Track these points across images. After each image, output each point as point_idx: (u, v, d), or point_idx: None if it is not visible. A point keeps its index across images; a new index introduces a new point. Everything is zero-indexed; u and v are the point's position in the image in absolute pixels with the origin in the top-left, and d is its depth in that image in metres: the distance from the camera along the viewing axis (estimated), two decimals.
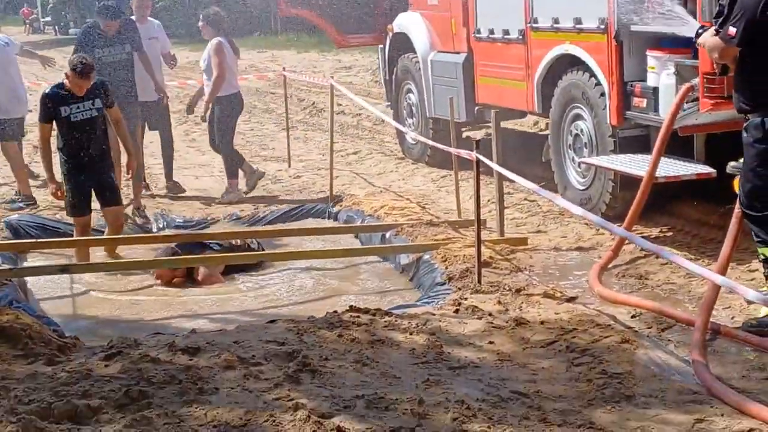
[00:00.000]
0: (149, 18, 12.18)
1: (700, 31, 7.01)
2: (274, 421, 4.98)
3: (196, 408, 5.16)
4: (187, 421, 4.98)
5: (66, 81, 8.87)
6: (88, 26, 11.15)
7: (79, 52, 9.82)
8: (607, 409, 5.23)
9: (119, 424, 4.92)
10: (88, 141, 8.93)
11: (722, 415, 5.14)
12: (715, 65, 6.84)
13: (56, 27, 60.08)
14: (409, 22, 12.79)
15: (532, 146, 11.65)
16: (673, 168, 8.29)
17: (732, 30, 6.18)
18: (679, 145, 8.51)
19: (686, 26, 7.73)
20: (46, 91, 8.99)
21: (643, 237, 8.45)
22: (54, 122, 8.92)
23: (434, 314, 6.90)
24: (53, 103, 8.80)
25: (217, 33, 11.57)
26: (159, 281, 8.78)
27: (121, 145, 9.60)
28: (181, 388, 5.42)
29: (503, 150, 11.67)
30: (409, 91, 13.11)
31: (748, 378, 5.64)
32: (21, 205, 11.21)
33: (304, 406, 5.10)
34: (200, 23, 11.79)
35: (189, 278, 8.85)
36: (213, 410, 5.12)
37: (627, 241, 7.87)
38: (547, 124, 10.79)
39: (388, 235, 9.40)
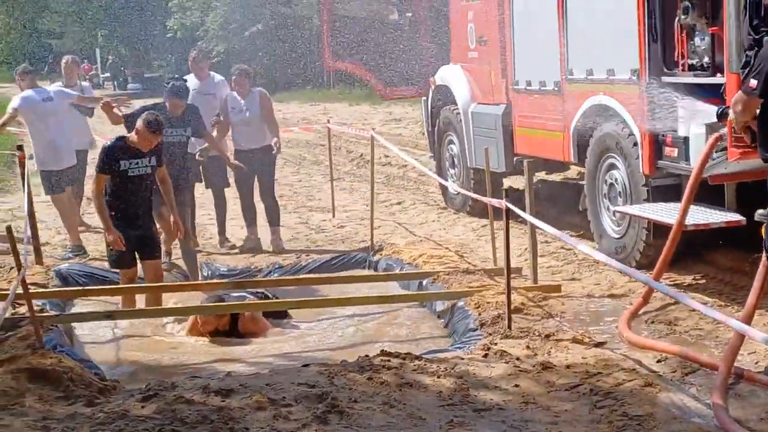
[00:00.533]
0: (210, 73, 12.49)
1: (719, 111, 7.19)
2: None
3: None
4: None
5: (131, 135, 9.12)
6: (153, 105, 11.13)
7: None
8: None
9: None
10: (139, 196, 9.18)
11: None
12: (742, 133, 6.91)
13: (115, 82, 61.17)
14: (451, 75, 13.06)
15: (572, 196, 11.78)
16: (703, 216, 8.42)
17: (753, 82, 6.32)
18: (711, 193, 8.64)
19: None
20: (108, 144, 9.22)
21: (675, 285, 8.62)
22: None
23: (463, 359, 7.06)
24: (114, 155, 9.04)
25: (250, 86, 11.90)
26: (203, 329, 8.91)
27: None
28: (212, 427, 5.65)
29: (545, 199, 11.90)
30: (451, 142, 13.35)
31: (766, 420, 5.73)
32: (70, 255, 11.52)
33: None
34: (236, 78, 11.91)
35: (233, 329, 8.97)
36: None
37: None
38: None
39: (425, 282, 9.60)
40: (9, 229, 7.24)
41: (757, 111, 6.42)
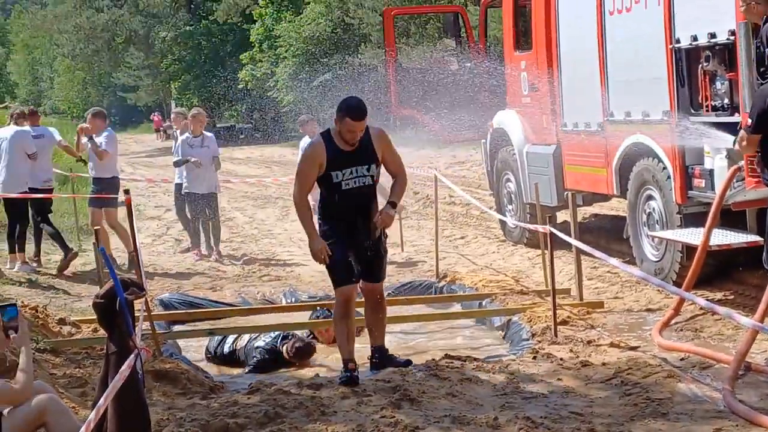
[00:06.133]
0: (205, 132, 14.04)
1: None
2: (378, 431, 6.46)
3: (320, 425, 6.68)
4: None
5: None
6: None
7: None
8: (644, 422, 6.55)
9: None
10: None
11: (737, 425, 6.41)
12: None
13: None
14: (507, 119, 14.33)
15: (621, 227, 12.92)
16: (726, 238, 9.57)
17: (749, 121, 7.55)
18: (738, 219, 9.80)
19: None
20: None
21: (708, 299, 9.76)
22: None
23: (514, 360, 8.34)
24: None
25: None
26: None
27: None
28: (307, 411, 6.94)
29: (597, 230, 13.03)
30: (508, 180, 14.58)
31: (765, 400, 6.89)
32: None
33: (402, 422, 6.58)
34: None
35: None
36: (332, 426, 6.63)
37: (687, 302, 9.14)
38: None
39: (484, 302, 10.85)
40: (132, 258, 8.61)
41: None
